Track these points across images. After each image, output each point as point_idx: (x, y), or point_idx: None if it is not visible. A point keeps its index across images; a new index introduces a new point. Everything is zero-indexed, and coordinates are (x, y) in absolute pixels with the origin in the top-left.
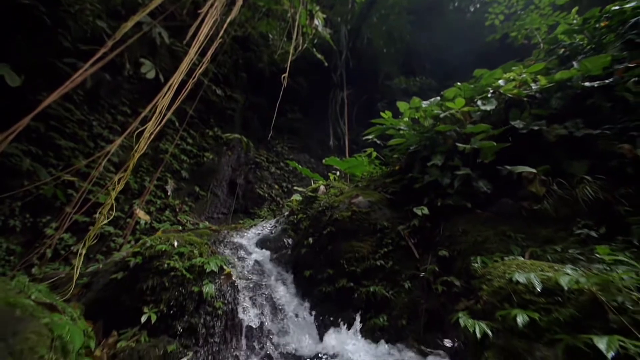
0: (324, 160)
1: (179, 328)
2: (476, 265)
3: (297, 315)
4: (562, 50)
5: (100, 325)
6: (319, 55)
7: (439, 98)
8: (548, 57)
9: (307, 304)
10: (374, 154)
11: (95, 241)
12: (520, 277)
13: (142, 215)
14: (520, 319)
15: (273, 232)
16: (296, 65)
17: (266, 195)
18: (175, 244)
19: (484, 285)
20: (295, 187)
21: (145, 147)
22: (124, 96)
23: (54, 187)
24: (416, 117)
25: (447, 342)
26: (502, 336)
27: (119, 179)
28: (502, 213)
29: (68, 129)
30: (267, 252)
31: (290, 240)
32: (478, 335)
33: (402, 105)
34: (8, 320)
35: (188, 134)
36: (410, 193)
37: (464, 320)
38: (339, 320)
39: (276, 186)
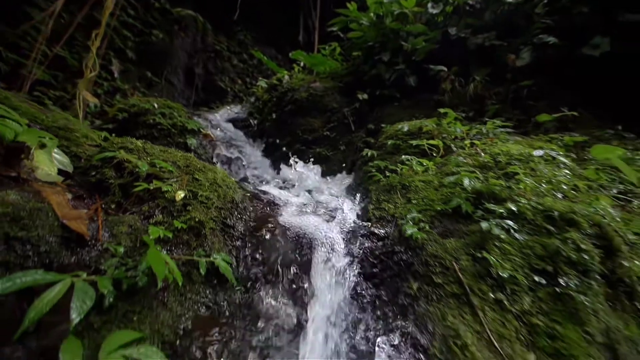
0: (291, 54)
1: None
2: (384, 126)
3: (261, 161)
4: None
5: None
6: None
7: None
8: None
9: (269, 158)
10: (338, 49)
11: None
12: (399, 126)
13: (89, 97)
14: (390, 142)
15: (239, 115)
16: None
17: (228, 89)
18: (156, 105)
19: (383, 134)
20: (260, 78)
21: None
22: None
23: None
24: (380, 13)
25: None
26: (380, 154)
27: (96, 35)
28: (419, 102)
29: None
30: (236, 128)
31: (255, 121)
32: (369, 155)
33: None
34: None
35: (128, 3)
36: (359, 83)
37: (365, 151)
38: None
39: (239, 80)
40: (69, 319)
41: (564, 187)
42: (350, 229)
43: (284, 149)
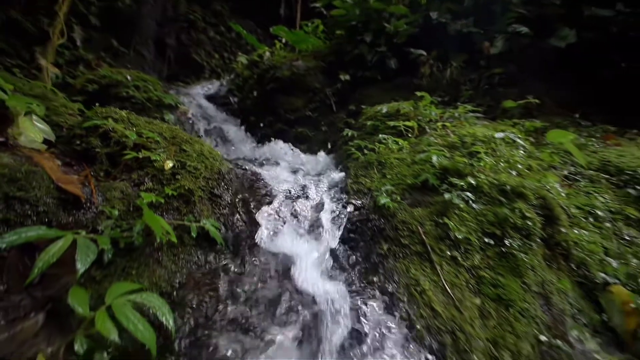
0: (271, 29)
1: None
2: (364, 108)
3: (242, 140)
4: None
5: None
6: None
7: None
8: None
9: (251, 137)
10: (321, 27)
11: None
12: (379, 107)
13: (50, 67)
14: (369, 123)
15: (218, 92)
16: None
17: (205, 64)
18: (129, 77)
19: (363, 115)
20: (240, 54)
21: None
22: None
23: None
24: None
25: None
26: (360, 134)
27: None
28: (399, 85)
29: None
30: (215, 105)
31: (235, 99)
32: (349, 135)
33: None
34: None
35: None
36: (341, 64)
37: (346, 132)
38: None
39: (216, 55)
40: (72, 271)
41: (519, 166)
42: (331, 202)
43: (266, 128)
